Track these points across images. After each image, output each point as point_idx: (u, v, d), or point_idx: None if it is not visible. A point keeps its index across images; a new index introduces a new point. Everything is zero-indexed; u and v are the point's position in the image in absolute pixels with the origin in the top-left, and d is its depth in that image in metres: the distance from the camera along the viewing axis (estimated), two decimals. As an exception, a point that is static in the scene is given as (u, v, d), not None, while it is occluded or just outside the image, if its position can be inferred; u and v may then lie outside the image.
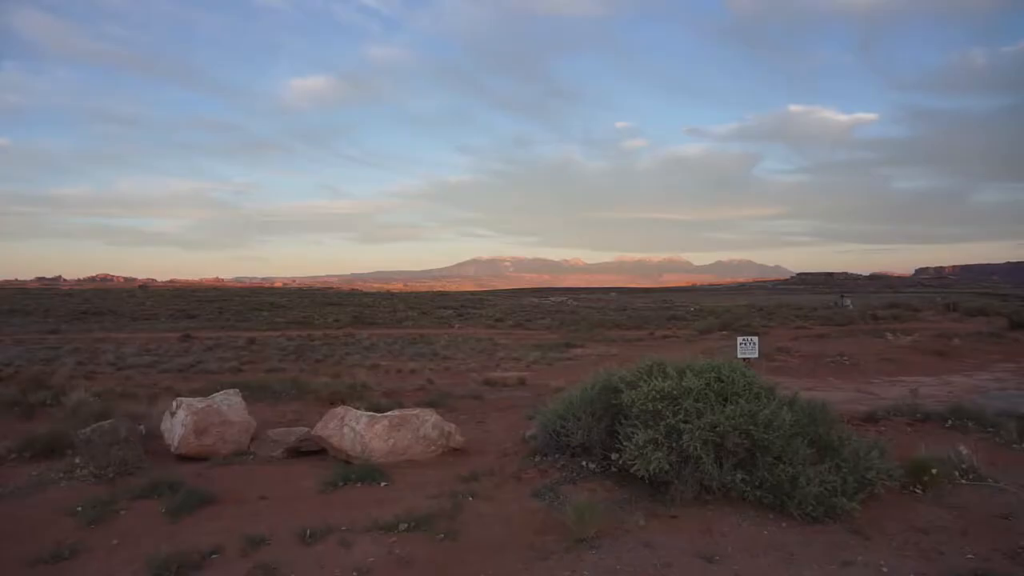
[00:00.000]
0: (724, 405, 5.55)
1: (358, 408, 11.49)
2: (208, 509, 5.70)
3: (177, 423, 7.61)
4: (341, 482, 6.29)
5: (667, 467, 5.32)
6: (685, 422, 5.41)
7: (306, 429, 8.00)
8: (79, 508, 5.67)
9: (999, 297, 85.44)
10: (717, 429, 5.33)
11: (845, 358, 23.23)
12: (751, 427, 5.33)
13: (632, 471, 5.48)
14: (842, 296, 64.62)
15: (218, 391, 12.71)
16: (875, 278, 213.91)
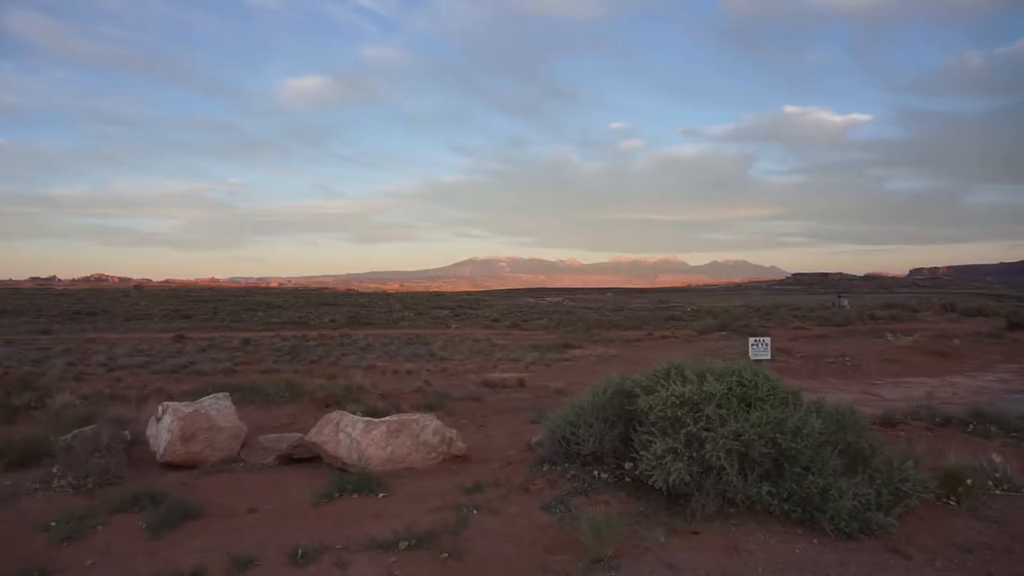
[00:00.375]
0: (748, 411, 5.16)
1: (354, 412, 11.10)
2: (192, 524, 5.27)
3: (163, 429, 7.18)
4: (336, 493, 5.87)
5: (688, 478, 4.92)
6: (707, 430, 5.01)
7: (299, 435, 7.59)
8: (53, 523, 5.23)
9: (994, 298, 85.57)
10: (742, 438, 4.93)
11: (847, 359, 22.95)
12: (778, 435, 4.93)
13: (650, 483, 5.07)
14: (839, 296, 64.50)
15: (209, 393, 12.30)
16: (870, 278, 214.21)
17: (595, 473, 5.77)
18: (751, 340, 9.09)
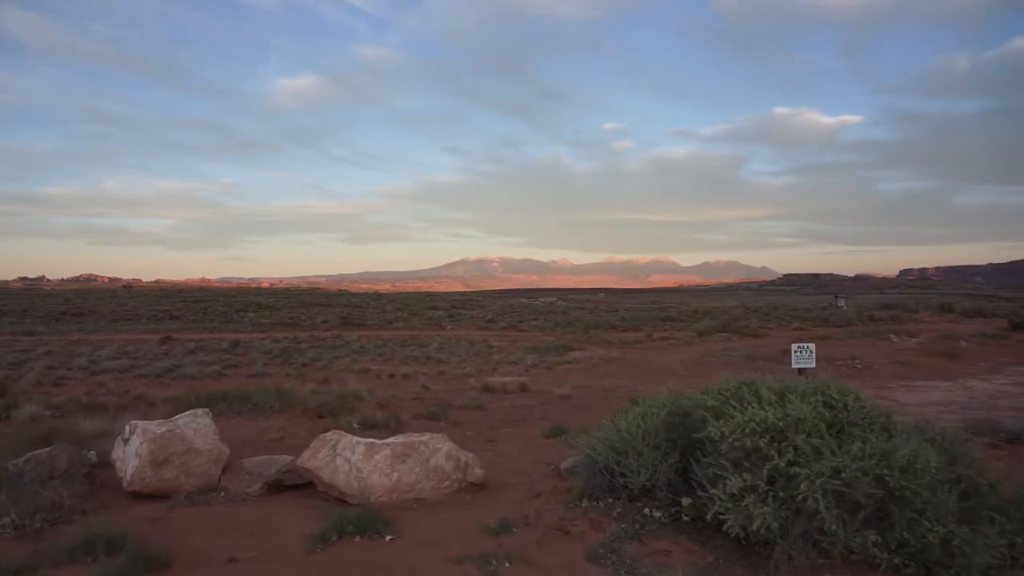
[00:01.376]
0: (839, 440, 4.19)
1: (350, 423, 10.08)
2: (157, 580, 4.24)
3: (131, 452, 6.13)
4: (334, 535, 4.83)
5: (775, 525, 3.94)
6: (795, 464, 4.04)
7: (290, 458, 6.54)
8: (-18, 580, 4.21)
9: (985, 298, 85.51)
10: (842, 475, 3.95)
11: (857, 361, 22.17)
12: (885, 471, 3.96)
13: (725, 528, 4.09)
14: (836, 297, 64.06)
15: (193, 401, 11.23)
16: (860, 279, 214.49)
17: (646, 511, 4.77)
18: (794, 346, 8.15)
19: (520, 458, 7.85)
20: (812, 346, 8.19)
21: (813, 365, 8.00)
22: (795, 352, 8.09)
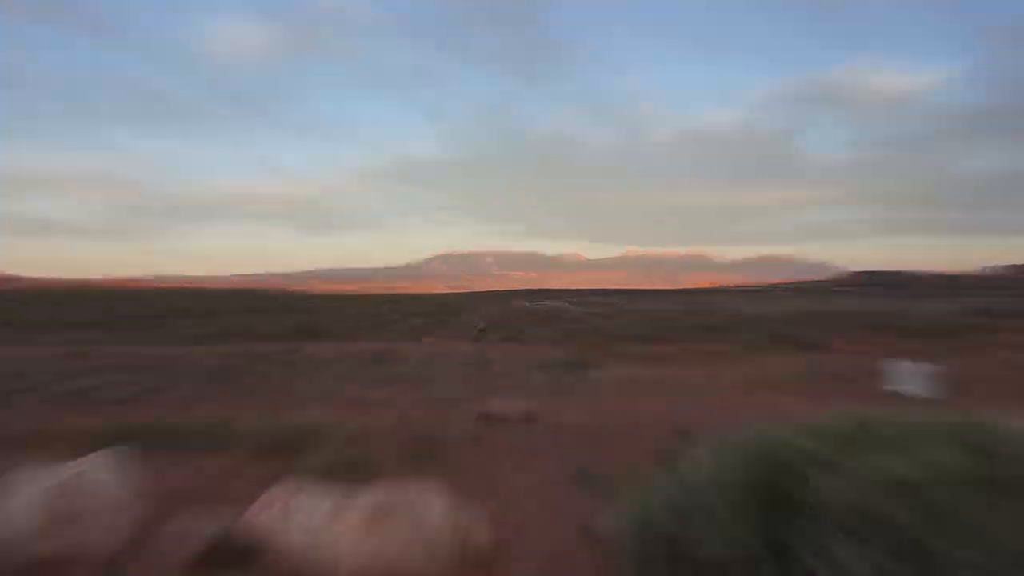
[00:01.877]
0: (998, 501, 3.71)
1: (310, 469, 9.63)
2: None
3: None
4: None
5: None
6: (940, 535, 3.55)
7: (230, 516, 6.07)
8: None
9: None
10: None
11: (969, 384, 21.75)
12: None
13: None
14: (918, 299, 64.01)
15: (103, 436, 10.80)
16: (948, 277, 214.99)
17: (721, 597, 4.29)
18: (899, 365, 7.67)
19: (537, 512, 7.45)
20: (926, 366, 7.71)
21: (926, 391, 7.53)
22: (895, 371, 7.62)
